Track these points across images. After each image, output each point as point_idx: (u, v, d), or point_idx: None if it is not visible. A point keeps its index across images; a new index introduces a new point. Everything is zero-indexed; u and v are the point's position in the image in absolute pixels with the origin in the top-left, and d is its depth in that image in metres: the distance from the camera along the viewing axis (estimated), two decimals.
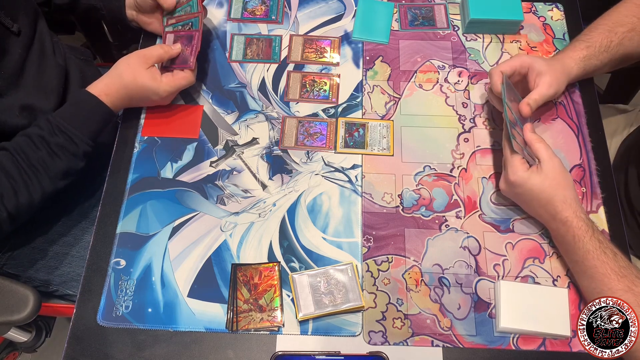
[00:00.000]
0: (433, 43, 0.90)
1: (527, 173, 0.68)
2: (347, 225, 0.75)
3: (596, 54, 0.77)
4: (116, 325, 0.69)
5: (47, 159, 0.72)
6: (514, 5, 0.88)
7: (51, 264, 0.89)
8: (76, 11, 0.91)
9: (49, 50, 0.84)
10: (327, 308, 0.68)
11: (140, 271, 0.72)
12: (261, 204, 0.77)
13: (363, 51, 0.89)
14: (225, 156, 0.81)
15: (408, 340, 0.68)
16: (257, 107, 0.85)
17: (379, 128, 0.82)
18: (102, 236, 0.75)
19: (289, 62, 0.89)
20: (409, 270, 0.72)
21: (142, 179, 0.79)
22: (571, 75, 0.77)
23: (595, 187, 0.77)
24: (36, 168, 0.71)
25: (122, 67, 0.77)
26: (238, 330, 0.68)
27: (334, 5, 0.94)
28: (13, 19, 0.77)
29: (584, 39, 0.79)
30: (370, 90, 0.86)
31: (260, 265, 0.72)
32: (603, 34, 0.78)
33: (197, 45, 0.80)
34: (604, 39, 0.77)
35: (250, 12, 0.93)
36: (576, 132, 0.82)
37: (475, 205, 0.76)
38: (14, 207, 0.70)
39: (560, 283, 0.71)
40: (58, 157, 0.72)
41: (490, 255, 0.73)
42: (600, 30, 0.78)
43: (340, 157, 0.80)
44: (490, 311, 0.69)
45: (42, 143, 0.72)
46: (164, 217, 0.76)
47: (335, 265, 0.71)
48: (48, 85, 0.82)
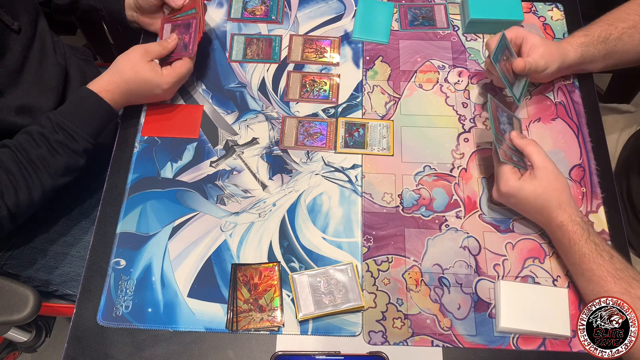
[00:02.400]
0: (433, 43, 0.90)
1: (519, 182, 0.68)
2: (347, 225, 0.75)
3: (594, 43, 0.77)
4: (116, 325, 0.69)
5: (48, 156, 0.72)
6: (514, 5, 0.88)
7: (51, 264, 0.89)
8: (76, 12, 0.91)
9: (49, 49, 0.84)
10: (327, 308, 0.68)
11: (140, 271, 0.72)
12: (261, 204, 0.77)
13: (363, 51, 0.89)
14: (225, 156, 0.81)
15: (408, 340, 0.68)
16: (257, 107, 0.85)
17: (379, 128, 0.82)
18: (102, 236, 0.75)
19: (289, 62, 0.89)
20: (409, 270, 0.72)
21: (142, 179, 0.79)
22: (567, 58, 0.77)
23: (595, 187, 0.77)
24: (36, 165, 0.71)
25: (123, 62, 0.77)
26: (238, 330, 0.68)
27: (334, 5, 0.94)
28: (13, 16, 0.77)
29: (583, 29, 0.80)
30: (370, 90, 0.86)
31: (260, 265, 0.72)
32: (603, 26, 0.78)
33: (195, 32, 0.79)
34: (603, 31, 0.78)
35: (250, 12, 0.93)
36: (576, 132, 0.82)
37: (475, 205, 0.76)
38: (14, 204, 0.70)
39: (560, 283, 0.71)
40: (58, 154, 0.72)
41: (490, 255, 0.73)
42: (601, 23, 0.79)
43: (340, 157, 0.80)
44: (490, 311, 0.69)
45: (42, 140, 0.72)
46: (164, 217, 0.76)
47: (335, 265, 0.71)
48: (48, 84, 0.82)
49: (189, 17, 0.81)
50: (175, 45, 0.81)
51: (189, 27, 0.80)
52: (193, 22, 0.80)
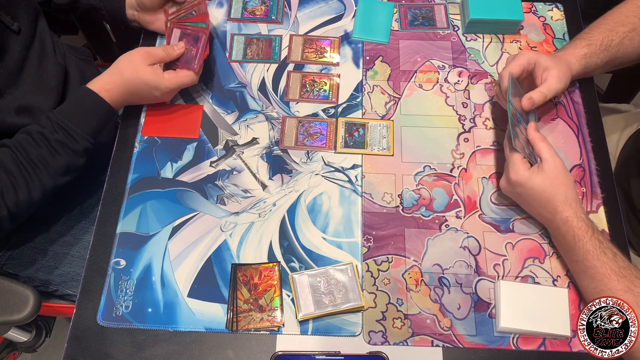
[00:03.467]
0: (433, 43, 0.90)
1: (529, 172, 0.68)
2: (347, 225, 0.75)
3: (597, 53, 0.77)
4: (116, 325, 0.69)
5: (47, 156, 0.72)
6: (514, 5, 0.88)
7: (51, 264, 0.89)
8: (76, 11, 0.91)
9: (49, 49, 0.84)
10: (327, 308, 0.68)
11: (140, 271, 0.72)
12: (261, 204, 0.77)
13: (363, 51, 0.89)
14: (225, 156, 0.81)
15: (408, 340, 0.68)
16: (257, 107, 0.85)
17: (379, 128, 0.82)
18: (102, 236, 0.75)
19: (289, 62, 0.89)
20: (409, 270, 0.72)
21: (142, 179, 0.79)
22: (572, 72, 0.77)
23: (595, 187, 0.77)
24: (36, 165, 0.71)
25: (124, 63, 0.77)
26: (238, 330, 0.68)
27: (334, 5, 0.94)
28: (13, 17, 0.77)
29: (584, 37, 0.79)
30: (370, 90, 0.86)
31: (260, 265, 0.72)
32: (604, 32, 0.78)
33: (202, 48, 0.79)
34: (604, 38, 0.77)
35: (250, 12, 0.93)
36: (576, 132, 0.82)
37: (475, 205, 0.76)
38: (14, 204, 0.70)
39: (560, 283, 0.71)
40: (58, 153, 0.72)
41: (490, 255, 0.73)
42: (602, 29, 0.78)
43: (340, 157, 0.80)
44: (490, 311, 0.69)
45: (42, 140, 0.72)
46: (164, 217, 0.76)
47: (335, 265, 0.71)
48: (47, 84, 0.82)
49: (199, 30, 0.80)
50: (181, 55, 0.80)
51: (197, 41, 0.79)
52: (202, 38, 0.79)
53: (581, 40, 0.78)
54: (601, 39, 0.77)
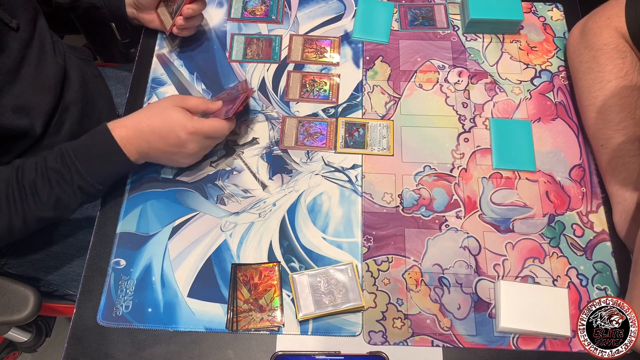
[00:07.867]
0: (433, 43, 0.90)
1: None
2: (347, 225, 0.75)
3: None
4: (116, 325, 0.69)
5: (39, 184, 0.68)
6: (514, 5, 0.88)
7: (51, 264, 0.89)
8: (77, 10, 0.91)
9: (48, 48, 0.84)
10: (327, 308, 0.68)
11: (140, 271, 0.72)
12: (261, 204, 0.77)
13: (363, 51, 0.89)
14: (225, 156, 0.81)
15: (408, 340, 0.68)
16: (257, 107, 0.85)
17: (379, 128, 0.82)
18: (102, 236, 0.75)
19: (289, 62, 0.89)
20: (409, 270, 0.72)
21: (142, 179, 0.79)
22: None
23: (595, 187, 0.77)
24: (25, 191, 0.68)
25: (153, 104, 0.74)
26: (238, 330, 0.68)
27: (334, 5, 0.94)
28: (12, 14, 0.77)
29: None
30: (370, 90, 0.86)
31: (260, 265, 0.72)
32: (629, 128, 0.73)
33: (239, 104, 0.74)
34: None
35: (250, 12, 0.93)
36: (576, 132, 0.82)
37: (475, 205, 0.76)
38: None
39: (560, 283, 0.71)
40: (59, 185, 0.68)
41: (490, 255, 0.73)
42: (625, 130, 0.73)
43: (340, 157, 0.80)
44: (490, 311, 0.69)
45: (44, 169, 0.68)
46: (164, 217, 0.76)
47: (335, 265, 0.71)
48: (46, 84, 0.82)
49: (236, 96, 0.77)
50: (218, 108, 0.76)
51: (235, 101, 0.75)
52: (241, 96, 0.75)
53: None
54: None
